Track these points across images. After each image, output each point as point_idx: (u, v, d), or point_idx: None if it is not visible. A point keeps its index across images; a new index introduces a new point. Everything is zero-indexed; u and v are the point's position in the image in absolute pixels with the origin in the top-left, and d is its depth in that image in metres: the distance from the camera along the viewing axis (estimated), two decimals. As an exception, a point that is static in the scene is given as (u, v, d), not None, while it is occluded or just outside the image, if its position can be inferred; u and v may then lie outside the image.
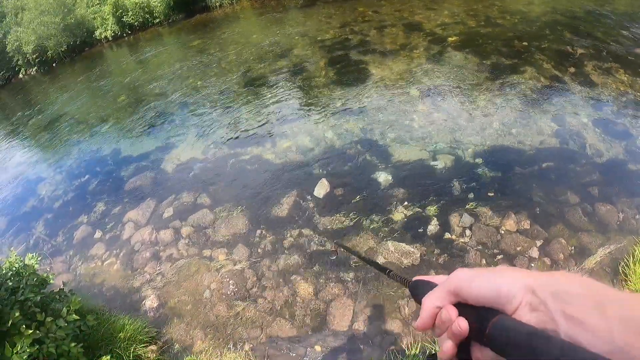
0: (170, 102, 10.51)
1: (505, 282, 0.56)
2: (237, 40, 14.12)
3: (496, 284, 0.56)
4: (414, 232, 5.02)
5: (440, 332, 0.61)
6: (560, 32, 10.02)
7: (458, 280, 0.60)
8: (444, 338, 0.60)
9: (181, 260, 5.40)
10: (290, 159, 6.90)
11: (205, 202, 6.32)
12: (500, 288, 0.55)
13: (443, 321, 0.59)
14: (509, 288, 0.55)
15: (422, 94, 8.11)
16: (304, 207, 5.75)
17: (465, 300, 0.59)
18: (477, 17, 11.70)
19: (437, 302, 0.61)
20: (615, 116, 6.70)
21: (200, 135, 8.49)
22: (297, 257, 4.99)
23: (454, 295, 0.60)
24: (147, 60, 15.01)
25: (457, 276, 0.61)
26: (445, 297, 0.61)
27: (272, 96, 9.37)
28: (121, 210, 6.78)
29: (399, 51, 10.25)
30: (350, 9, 14.60)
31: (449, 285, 0.61)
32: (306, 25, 13.94)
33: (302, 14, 15.51)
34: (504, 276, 0.57)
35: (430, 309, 0.62)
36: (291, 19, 15.26)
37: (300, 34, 13.12)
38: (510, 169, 5.81)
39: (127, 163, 8.28)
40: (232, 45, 13.65)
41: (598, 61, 8.37)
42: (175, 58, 14.18)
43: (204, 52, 13.79)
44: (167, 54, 15.05)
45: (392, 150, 6.56)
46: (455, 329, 0.57)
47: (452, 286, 0.60)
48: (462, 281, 0.59)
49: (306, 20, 14.59)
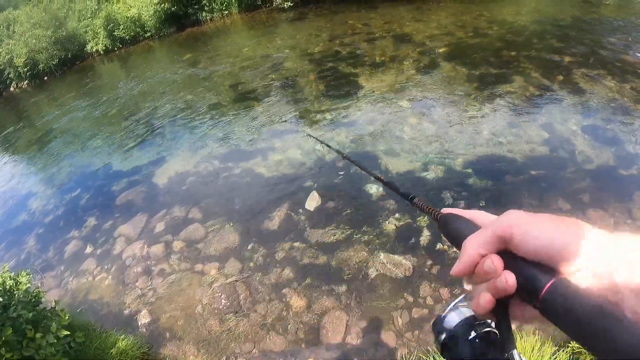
0: (162, 116, 10.51)
1: (570, 238, 0.49)
2: (228, 54, 14.17)
3: (559, 239, 0.49)
4: (405, 244, 5.02)
5: (479, 281, 0.55)
6: (547, 41, 10.15)
7: (510, 225, 0.52)
8: (481, 288, 0.54)
9: (173, 275, 5.37)
10: (281, 172, 6.91)
11: (197, 216, 6.30)
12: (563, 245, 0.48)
13: (485, 272, 0.52)
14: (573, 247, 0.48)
15: (412, 105, 8.17)
16: (295, 220, 5.74)
17: (515, 250, 0.51)
18: (465, 28, 11.82)
19: (481, 249, 0.54)
20: (604, 122, 6.77)
21: (191, 149, 8.49)
22: (289, 270, 4.98)
23: (502, 242, 0.52)
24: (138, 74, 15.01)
25: (510, 220, 0.53)
26: (492, 244, 0.53)
27: (263, 109, 9.40)
28: (112, 225, 6.74)
29: (388, 63, 10.34)
30: (340, 22, 14.71)
31: (498, 229, 0.52)
32: (296, 39, 14.02)
33: (293, 28, 15.62)
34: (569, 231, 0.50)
35: (472, 255, 0.54)
36: (282, 33, 15.34)
37: (291, 47, 13.18)
38: (501, 178, 5.84)
39: (119, 177, 8.25)
40: (223, 59, 13.69)
41: (586, 68, 8.46)
42: (167, 72, 14.19)
43: (195, 66, 13.82)
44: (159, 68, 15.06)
45: (383, 161, 6.59)
46: (500, 284, 0.50)
47: (501, 231, 0.52)
48: (515, 228, 0.51)
49: (296, 33, 14.68)
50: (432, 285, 4.48)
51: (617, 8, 12.48)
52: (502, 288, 0.50)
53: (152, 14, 18.93)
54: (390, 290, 4.52)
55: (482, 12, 13.17)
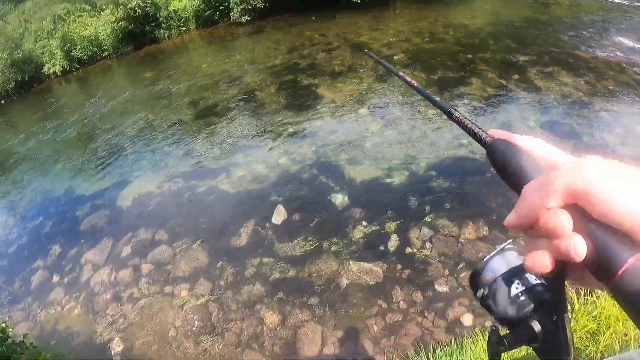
0: (123, 137, 10.33)
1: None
2: (188, 71, 14.05)
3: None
4: (375, 250, 5.07)
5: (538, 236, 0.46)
6: (502, 42, 10.44)
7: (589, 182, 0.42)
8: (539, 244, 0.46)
9: (143, 300, 5.28)
10: (245, 188, 6.88)
11: (163, 238, 6.21)
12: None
13: (549, 230, 0.43)
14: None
15: (372, 112, 8.27)
16: (263, 236, 5.73)
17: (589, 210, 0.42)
18: (421, 34, 12.04)
19: (547, 201, 0.44)
20: (561, 117, 7.01)
21: (154, 169, 8.37)
22: (260, 286, 4.96)
23: (574, 196, 0.43)
24: (97, 95, 14.69)
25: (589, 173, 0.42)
26: (561, 197, 0.43)
27: (224, 125, 9.35)
28: (78, 252, 6.59)
29: (347, 72, 10.44)
30: (297, 34, 14.75)
31: (573, 184, 0.42)
32: (255, 52, 14.00)
33: (251, 41, 15.59)
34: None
35: (535, 207, 0.45)
36: (240, 47, 15.30)
37: (250, 61, 13.15)
38: (464, 179, 5.97)
39: (82, 202, 8.06)
40: (183, 76, 13.57)
41: (541, 66, 8.75)
42: (126, 91, 13.97)
43: (154, 84, 13.64)
44: (117, 88, 14.80)
45: (347, 171, 6.63)
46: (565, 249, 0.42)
47: (577, 187, 0.42)
48: (595, 186, 0.41)
49: (255, 47, 14.66)
50: (404, 289, 4.53)
51: (568, 7, 12.96)
52: (566, 254, 0.42)
53: (109, 32, 18.62)
54: (363, 298, 4.54)
55: (437, 17, 13.46)
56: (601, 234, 0.41)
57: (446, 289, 4.46)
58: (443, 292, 4.43)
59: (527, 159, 0.51)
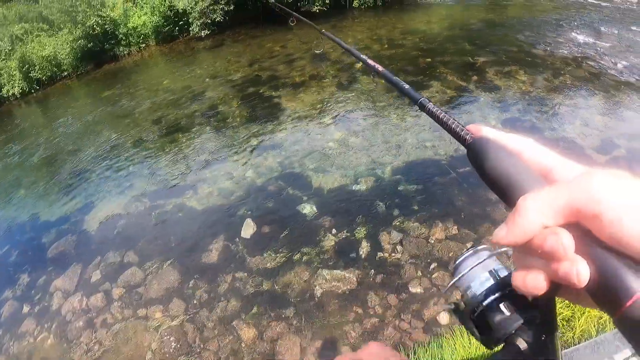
0: (86, 159, 10.12)
1: None
2: (149, 88, 13.88)
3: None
4: (346, 257, 5.12)
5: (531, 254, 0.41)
6: (460, 45, 10.72)
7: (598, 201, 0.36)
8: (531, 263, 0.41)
9: (117, 325, 5.18)
10: (213, 204, 6.84)
11: (133, 260, 6.12)
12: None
13: (546, 251, 0.38)
14: None
15: (336, 121, 8.36)
16: (233, 251, 5.71)
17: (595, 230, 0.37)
18: (380, 41, 12.26)
19: (545, 219, 0.39)
20: (521, 114, 7.24)
21: (119, 190, 8.23)
22: (234, 302, 4.94)
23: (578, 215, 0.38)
24: (58, 116, 14.34)
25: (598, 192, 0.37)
26: (562, 214, 0.38)
27: (188, 142, 9.29)
28: (47, 280, 6.42)
29: (309, 82, 10.53)
30: (257, 46, 14.79)
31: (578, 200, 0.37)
32: (216, 66, 13.95)
33: (211, 55, 15.53)
34: None
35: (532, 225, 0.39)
36: (201, 61, 15.22)
37: (211, 76, 13.10)
38: (430, 180, 6.10)
39: (47, 228, 7.85)
40: (144, 93, 13.40)
41: (499, 66, 9.02)
42: (87, 112, 13.68)
43: (115, 103, 13.42)
44: (79, 109, 14.48)
45: (314, 181, 6.68)
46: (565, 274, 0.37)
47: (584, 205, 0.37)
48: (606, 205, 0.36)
49: (215, 61, 14.61)
50: (378, 293, 4.59)
51: (522, 7, 13.41)
52: (566, 279, 0.37)
53: (69, 52, 18.21)
54: (339, 305, 4.58)
55: (395, 24, 13.72)
56: (609, 259, 0.36)
57: (420, 290, 4.53)
58: (417, 293, 4.51)
59: (518, 164, 0.45)
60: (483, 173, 0.47)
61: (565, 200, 0.38)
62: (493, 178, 0.46)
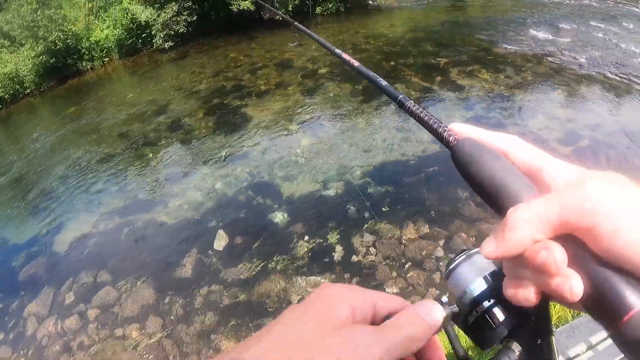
0: (53, 178, 9.93)
1: None
2: (113, 102, 13.68)
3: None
4: (321, 263, 5.19)
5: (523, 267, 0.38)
6: (423, 47, 10.93)
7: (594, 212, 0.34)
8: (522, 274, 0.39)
9: (94, 346, 5.14)
10: (183, 218, 6.83)
11: (106, 279, 6.06)
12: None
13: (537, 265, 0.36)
14: None
15: (302, 127, 8.45)
16: (207, 263, 5.72)
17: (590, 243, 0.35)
18: (344, 46, 12.34)
19: (536, 233, 0.36)
20: (485, 111, 7.43)
21: (88, 208, 8.12)
22: (211, 315, 4.96)
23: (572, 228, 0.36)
24: (21, 136, 14.00)
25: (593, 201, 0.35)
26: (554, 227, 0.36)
27: (156, 156, 9.23)
28: (19, 305, 6.30)
29: (274, 90, 10.58)
30: (221, 56, 14.76)
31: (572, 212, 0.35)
32: (180, 78, 13.88)
33: (175, 67, 15.41)
34: None
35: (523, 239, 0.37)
36: (165, 74, 15.09)
37: (175, 88, 13.02)
38: (399, 181, 6.21)
39: (17, 251, 7.69)
40: (109, 108, 13.20)
41: (461, 66, 9.23)
42: (52, 129, 13.39)
43: (80, 119, 13.19)
44: (43, 127, 14.16)
45: (284, 189, 6.74)
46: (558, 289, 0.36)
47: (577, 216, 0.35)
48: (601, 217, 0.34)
49: (180, 73, 14.51)
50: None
51: (481, 8, 13.75)
52: (559, 294, 0.36)
53: (31, 68, 17.77)
54: (316, 311, 4.61)
55: (358, 29, 13.87)
56: (604, 273, 0.35)
57: (396, 289, 4.63)
58: (394, 293, 4.59)
59: (506, 168, 0.43)
60: (469, 177, 0.45)
61: (558, 212, 0.36)
62: (479, 183, 0.44)
